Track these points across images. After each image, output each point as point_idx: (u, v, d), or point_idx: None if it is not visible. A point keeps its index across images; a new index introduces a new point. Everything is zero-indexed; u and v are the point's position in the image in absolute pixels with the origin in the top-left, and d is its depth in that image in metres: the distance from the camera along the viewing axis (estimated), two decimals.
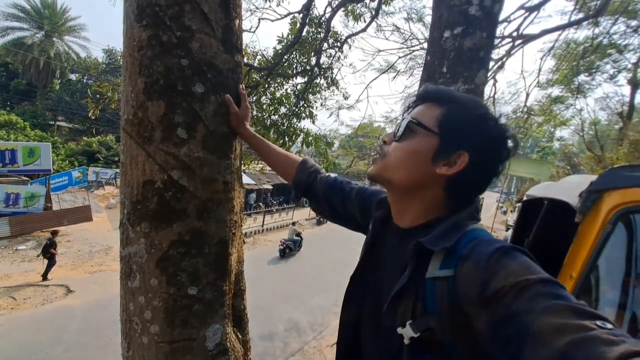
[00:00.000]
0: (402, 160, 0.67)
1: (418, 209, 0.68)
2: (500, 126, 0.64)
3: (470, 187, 0.66)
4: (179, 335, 0.92)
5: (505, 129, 0.64)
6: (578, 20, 5.83)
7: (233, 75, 1.01)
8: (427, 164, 0.65)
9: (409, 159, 0.66)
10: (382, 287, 0.70)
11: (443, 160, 0.64)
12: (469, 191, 0.67)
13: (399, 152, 0.68)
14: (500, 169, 0.65)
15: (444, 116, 0.65)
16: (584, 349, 0.37)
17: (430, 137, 0.65)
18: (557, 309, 0.43)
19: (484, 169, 0.65)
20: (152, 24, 0.87)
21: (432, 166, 0.65)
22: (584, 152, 17.53)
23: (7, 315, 6.95)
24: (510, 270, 0.50)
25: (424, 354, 0.58)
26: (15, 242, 11.44)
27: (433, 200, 0.67)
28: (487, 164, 0.64)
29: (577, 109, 12.24)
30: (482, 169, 0.65)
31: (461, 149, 0.63)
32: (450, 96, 0.67)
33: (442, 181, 0.65)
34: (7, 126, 20.65)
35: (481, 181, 0.66)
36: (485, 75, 1.92)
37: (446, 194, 0.66)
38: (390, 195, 0.75)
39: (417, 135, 0.66)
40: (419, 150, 0.65)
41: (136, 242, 0.91)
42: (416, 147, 0.66)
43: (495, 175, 0.66)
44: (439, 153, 0.64)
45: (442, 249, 0.59)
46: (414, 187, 0.67)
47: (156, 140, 0.89)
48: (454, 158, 0.63)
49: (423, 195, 0.67)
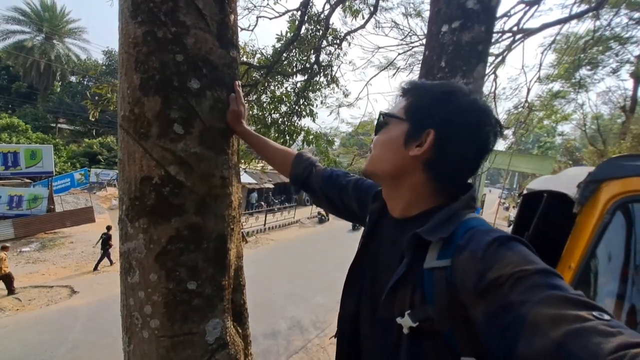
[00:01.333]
0: (381, 151, 0.71)
1: (407, 197, 0.69)
2: (468, 99, 0.64)
3: (450, 164, 0.66)
4: (179, 329, 0.93)
5: (473, 99, 0.64)
6: (579, 13, 5.80)
7: (229, 70, 1.01)
8: (401, 149, 0.67)
9: (384, 147, 0.71)
10: (379, 279, 0.70)
11: (415, 142, 0.66)
12: (451, 170, 0.66)
13: (377, 144, 0.73)
14: (481, 140, 0.64)
15: (409, 103, 0.69)
16: (581, 340, 0.37)
17: (400, 124, 0.68)
18: (553, 300, 0.43)
19: (458, 142, 0.64)
20: (147, 20, 0.87)
21: (406, 150, 0.67)
22: (587, 146, 17.44)
23: (12, 316, 7.01)
24: (507, 261, 0.50)
25: (423, 344, 0.59)
26: (20, 244, 11.53)
27: (418, 186, 0.68)
28: (459, 135, 0.64)
29: (579, 104, 12.17)
30: (455, 143, 0.64)
31: (427, 127, 0.65)
32: (415, 86, 0.71)
33: (420, 164, 0.66)
34: (9, 129, 20.76)
35: (460, 155, 0.65)
36: (484, 69, 1.92)
37: (428, 176, 0.67)
38: (382, 187, 0.78)
39: (390, 126, 0.71)
40: (391, 137, 0.69)
41: (135, 237, 0.92)
42: (389, 135, 0.70)
43: (478, 147, 0.65)
44: (409, 136, 0.67)
45: (439, 239, 0.59)
46: (396, 175, 0.69)
47: (153, 136, 0.89)
48: (424, 137, 0.65)
49: (407, 182, 0.69)
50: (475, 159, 0.66)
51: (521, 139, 19.81)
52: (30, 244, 11.63)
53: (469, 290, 0.52)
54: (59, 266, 10.09)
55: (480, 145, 0.65)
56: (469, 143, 0.64)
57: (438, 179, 0.67)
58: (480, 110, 0.64)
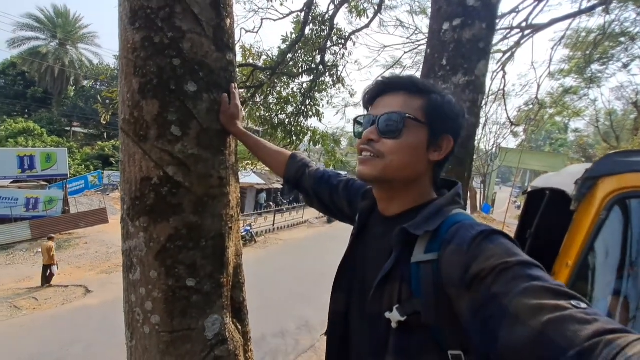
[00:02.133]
0: (407, 159, 0.66)
1: (409, 197, 0.71)
2: (459, 105, 0.70)
3: (445, 164, 0.72)
4: (178, 325, 0.96)
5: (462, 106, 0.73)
6: (589, 8, 5.67)
7: (225, 73, 1.04)
8: (424, 155, 0.68)
9: (413, 155, 0.67)
10: (368, 275, 0.72)
11: (433, 147, 0.68)
12: (443, 167, 0.73)
13: (402, 151, 0.66)
14: None
15: (428, 106, 0.67)
16: (559, 328, 0.39)
17: (422, 128, 0.67)
18: (534, 290, 0.44)
19: (456, 145, 0.70)
20: (144, 26, 0.90)
21: (427, 155, 0.68)
22: (600, 143, 17.01)
23: (29, 315, 7.23)
24: (490, 254, 0.51)
25: (410, 338, 0.60)
26: (36, 245, 11.84)
27: (423, 186, 0.71)
28: (458, 139, 0.70)
29: (591, 100, 11.89)
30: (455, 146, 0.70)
31: (445, 133, 0.67)
32: (425, 85, 0.69)
33: (432, 166, 0.70)
34: (26, 133, 21.37)
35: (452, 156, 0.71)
36: (486, 67, 1.90)
37: (431, 177, 0.71)
38: (379, 189, 0.74)
39: (412, 129, 0.66)
40: (417, 144, 0.67)
41: (136, 236, 0.95)
42: (414, 141, 0.66)
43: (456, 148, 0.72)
44: (430, 142, 0.67)
45: (426, 233, 0.61)
46: (414, 179, 0.70)
47: (152, 138, 0.92)
48: (440, 143, 0.68)
49: (420, 183, 0.71)
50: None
51: (532, 136, 19.34)
52: None
53: (455, 283, 0.54)
54: (73, 266, 10.34)
55: None
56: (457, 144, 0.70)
57: (436, 179, 0.72)
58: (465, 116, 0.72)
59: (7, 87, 26.91)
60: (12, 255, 11.02)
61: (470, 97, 1.79)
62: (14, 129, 21.20)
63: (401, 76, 0.72)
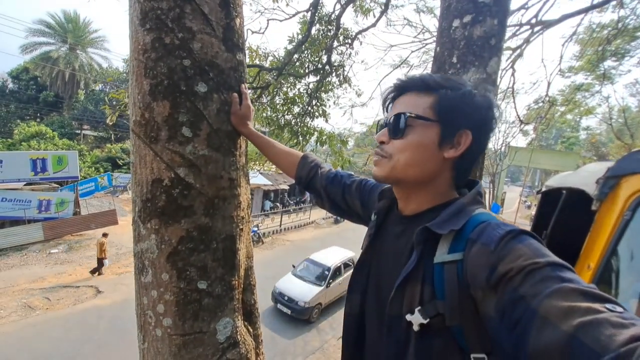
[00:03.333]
0: (412, 157, 0.66)
1: (427, 195, 0.69)
2: (486, 97, 0.66)
3: (472, 160, 0.68)
4: (190, 328, 0.95)
5: (489, 97, 0.66)
6: (601, 2, 5.54)
7: (235, 73, 1.03)
8: (436, 152, 0.66)
9: (418, 153, 0.66)
10: (386, 276, 0.70)
11: (449, 144, 0.65)
12: (471, 164, 0.69)
13: (407, 149, 0.66)
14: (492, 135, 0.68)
15: (438, 102, 0.65)
16: (592, 332, 0.37)
17: (432, 126, 0.65)
18: (565, 292, 0.42)
19: (483, 139, 0.67)
20: (155, 27, 0.90)
21: (440, 152, 0.66)
22: (613, 141, 16.66)
23: (42, 315, 7.36)
24: (518, 254, 0.49)
25: (433, 341, 0.58)
26: (48, 246, 12.07)
27: (444, 184, 0.69)
28: (485, 134, 0.67)
29: (604, 96, 11.61)
30: (482, 140, 0.67)
31: (462, 128, 0.64)
32: (435, 82, 0.67)
33: (450, 163, 0.67)
34: (38, 136, 21.81)
35: (480, 152, 0.68)
36: (498, 64, 1.87)
37: (454, 174, 0.68)
38: (395, 188, 0.75)
39: (418, 128, 0.66)
40: (425, 143, 0.65)
41: (147, 238, 0.95)
42: (421, 139, 0.65)
43: (487, 144, 0.69)
44: (443, 139, 0.65)
45: (450, 232, 0.59)
46: (428, 178, 0.68)
47: (162, 139, 0.92)
48: (457, 139, 0.65)
49: (437, 182, 0.69)
50: (484, 152, 0.70)
51: (542, 135, 19.05)
52: (58, 246, 12.17)
53: (481, 284, 0.52)
54: (85, 267, 10.50)
55: (489, 141, 0.68)
56: (487, 140, 0.68)
57: (459, 175, 0.69)
58: (495, 107, 0.66)
59: (21, 92, 27.52)
60: (26, 256, 11.24)
61: None
62: (27, 133, 21.66)
63: (414, 76, 0.70)
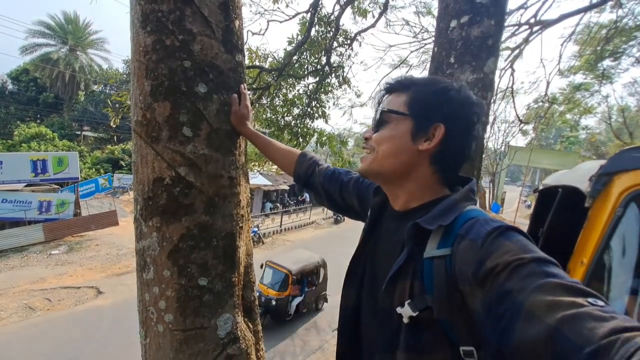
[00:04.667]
0: (388, 148, 0.70)
1: (412, 189, 0.71)
2: (464, 93, 0.68)
3: (454, 155, 0.70)
4: (191, 323, 0.97)
5: (468, 94, 0.68)
6: (600, 2, 5.56)
7: (234, 74, 1.05)
8: (409, 144, 0.68)
9: (392, 144, 0.70)
10: (380, 270, 0.72)
11: (423, 137, 0.68)
12: (454, 160, 0.71)
13: (383, 141, 0.71)
14: (476, 132, 0.69)
15: (410, 98, 0.69)
16: (575, 325, 0.38)
17: (404, 120, 0.69)
18: (549, 287, 0.44)
19: (461, 134, 0.68)
20: (155, 30, 0.92)
21: (414, 145, 0.68)
22: (612, 140, 16.67)
23: (43, 316, 7.38)
24: (505, 250, 0.51)
25: (422, 333, 0.60)
26: (49, 247, 12.10)
27: (424, 178, 0.70)
28: (462, 129, 0.68)
29: (603, 96, 11.59)
30: (459, 135, 0.68)
31: (435, 121, 0.67)
32: (410, 81, 0.72)
33: (427, 157, 0.69)
34: (38, 137, 21.86)
35: (461, 147, 0.70)
36: (495, 64, 1.89)
37: (434, 168, 0.70)
38: (381, 184, 0.78)
39: (392, 122, 0.71)
40: (397, 134, 0.69)
41: (149, 236, 0.97)
42: (393, 132, 0.70)
43: (473, 139, 0.70)
44: (416, 131, 0.68)
45: (439, 227, 0.61)
46: (403, 171, 0.70)
47: (163, 139, 0.94)
48: (431, 132, 0.67)
49: (414, 175, 0.70)
50: (470, 149, 0.70)
51: (542, 134, 19.03)
52: (59, 247, 12.20)
53: (468, 279, 0.53)
54: (85, 268, 10.53)
55: (474, 138, 0.69)
56: (468, 135, 0.69)
57: (442, 171, 0.70)
58: (475, 105, 0.68)
59: (20, 93, 27.58)
60: (27, 257, 11.27)
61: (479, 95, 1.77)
62: (27, 134, 21.70)
63: (395, 79, 0.74)
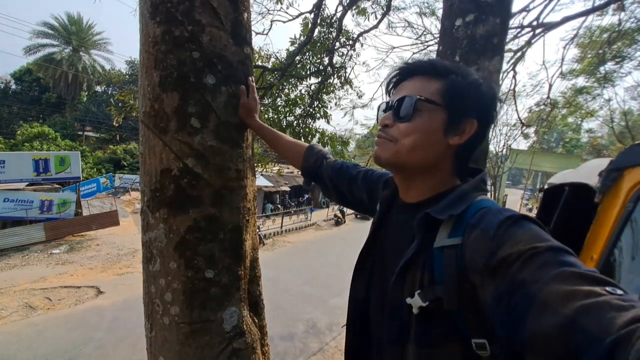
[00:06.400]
0: (419, 141, 0.65)
1: (429, 183, 0.70)
2: (490, 87, 0.67)
3: (472, 150, 0.69)
4: (197, 316, 0.96)
5: (493, 88, 0.67)
6: (602, 5, 5.56)
7: (242, 67, 1.05)
8: (440, 138, 0.65)
9: (424, 138, 0.65)
10: (389, 263, 0.71)
11: (453, 131, 0.65)
12: (471, 154, 0.70)
13: (413, 133, 0.65)
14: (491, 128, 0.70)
15: (447, 88, 0.65)
16: (593, 315, 0.37)
17: (439, 111, 0.64)
18: (565, 276, 0.42)
19: (485, 130, 0.68)
20: (165, 20, 0.92)
21: (445, 139, 0.65)
22: (614, 144, 16.62)
23: (43, 315, 7.35)
24: (518, 239, 0.49)
25: (432, 324, 0.59)
26: (50, 247, 12.08)
27: (444, 172, 0.69)
28: (487, 124, 0.68)
29: (605, 99, 11.56)
30: (484, 131, 0.67)
31: (468, 116, 0.64)
32: (445, 67, 0.67)
33: (453, 151, 0.67)
34: (41, 137, 21.91)
35: (482, 142, 0.69)
36: (500, 63, 1.88)
37: (455, 162, 0.69)
38: (398, 175, 0.75)
39: (425, 112, 0.64)
40: (432, 128, 0.65)
41: (156, 227, 0.96)
42: (429, 124, 0.65)
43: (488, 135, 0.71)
44: (449, 125, 0.65)
45: (450, 217, 0.60)
46: (430, 164, 0.68)
47: (171, 130, 0.93)
48: (463, 126, 0.65)
49: (437, 169, 0.69)
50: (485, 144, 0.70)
51: (543, 137, 19.00)
52: (60, 246, 12.17)
53: (479, 269, 0.52)
54: (86, 267, 10.50)
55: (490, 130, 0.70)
56: (488, 130, 0.69)
57: (460, 165, 0.69)
58: (497, 98, 0.67)
59: (23, 93, 27.69)
60: (27, 256, 11.25)
61: None
62: (29, 134, 21.75)
63: (422, 60, 0.69)
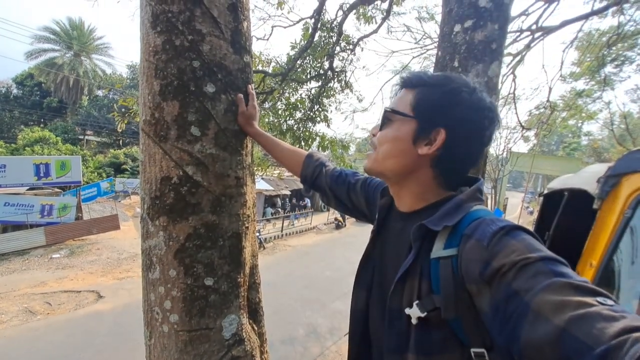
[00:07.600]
0: (388, 149, 0.69)
1: (414, 191, 0.70)
2: (477, 96, 0.65)
3: (458, 160, 0.68)
4: (196, 324, 0.96)
5: (482, 97, 0.65)
6: (601, 9, 5.59)
7: (242, 75, 1.06)
8: (409, 147, 0.67)
9: (393, 146, 0.69)
10: (388, 272, 0.71)
11: (424, 141, 0.66)
12: (459, 164, 0.69)
13: (383, 142, 0.70)
14: (486, 137, 0.66)
15: (416, 99, 0.67)
16: (584, 325, 0.38)
17: (408, 121, 0.67)
18: (557, 287, 0.43)
19: (467, 140, 0.66)
20: (165, 30, 0.93)
21: (414, 148, 0.66)
22: (615, 146, 16.63)
23: (43, 320, 7.33)
24: (511, 249, 0.50)
25: (431, 334, 0.59)
26: (50, 251, 12.08)
27: (425, 180, 0.69)
28: (468, 134, 0.65)
29: (605, 102, 11.59)
30: (464, 141, 0.65)
31: (437, 126, 0.65)
32: (419, 79, 0.68)
33: (428, 160, 0.67)
34: (42, 141, 21.98)
35: (468, 152, 0.67)
36: (499, 68, 1.89)
37: (436, 172, 0.68)
38: (387, 183, 0.77)
39: (396, 122, 0.69)
40: (399, 136, 0.68)
41: (155, 235, 0.96)
42: (396, 133, 0.68)
43: (482, 144, 0.67)
44: (418, 134, 0.66)
45: (445, 228, 0.60)
46: (403, 173, 0.69)
47: (171, 138, 0.94)
48: (433, 136, 0.65)
49: (415, 177, 0.69)
50: (478, 154, 0.68)
51: (544, 140, 19.01)
52: (60, 251, 12.17)
53: (475, 279, 0.53)
54: (86, 272, 10.48)
55: (483, 143, 0.67)
56: (475, 141, 0.66)
57: (445, 175, 0.68)
58: (487, 109, 0.65)
59: (25, 97, 27.85)
60: (28, 260, 11.24)
61: None
62: (30, 138, 21.83)
63: (408, 73, 0.71)
